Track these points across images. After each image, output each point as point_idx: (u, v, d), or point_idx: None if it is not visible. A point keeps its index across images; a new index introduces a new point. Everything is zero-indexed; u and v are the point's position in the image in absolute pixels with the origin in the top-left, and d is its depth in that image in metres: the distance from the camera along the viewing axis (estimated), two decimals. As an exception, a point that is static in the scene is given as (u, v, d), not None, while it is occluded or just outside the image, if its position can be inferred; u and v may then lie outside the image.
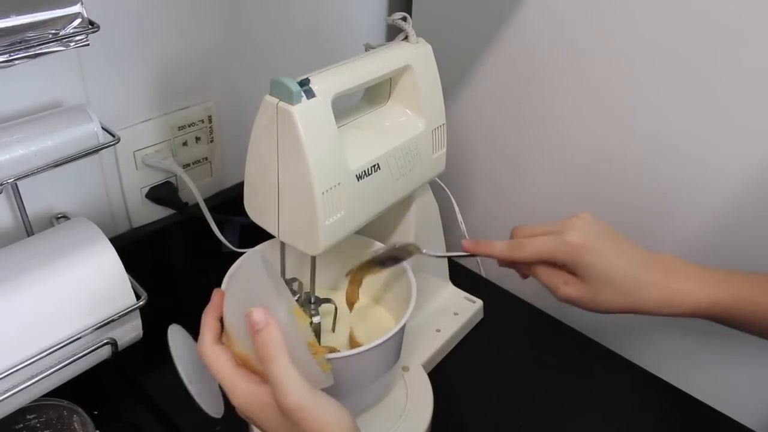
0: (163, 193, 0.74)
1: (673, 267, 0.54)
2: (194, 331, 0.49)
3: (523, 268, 0.57)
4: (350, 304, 0.62)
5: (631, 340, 0.78)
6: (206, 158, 0.77)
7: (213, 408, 0.48)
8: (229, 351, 0.46)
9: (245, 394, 0.44)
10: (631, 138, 0.72)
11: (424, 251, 0.60)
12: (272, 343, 0.42)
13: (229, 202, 0.76)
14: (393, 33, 0.63)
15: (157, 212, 0.75)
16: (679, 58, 0.65)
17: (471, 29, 0.81)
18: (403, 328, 0.56)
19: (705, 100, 0.65)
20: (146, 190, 0.73)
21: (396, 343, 0.59)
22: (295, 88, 0.49)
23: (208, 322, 0.47)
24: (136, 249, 0.72)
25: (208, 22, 0.71)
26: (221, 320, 0.48)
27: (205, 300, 0.50)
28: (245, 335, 0.44)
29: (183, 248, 0.78)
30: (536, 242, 0.55)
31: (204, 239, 0.72)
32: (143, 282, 0.58)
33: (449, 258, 0.63)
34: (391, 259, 0.60)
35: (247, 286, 0.47)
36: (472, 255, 0.59)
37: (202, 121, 0.75)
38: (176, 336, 0.49)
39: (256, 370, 0.45)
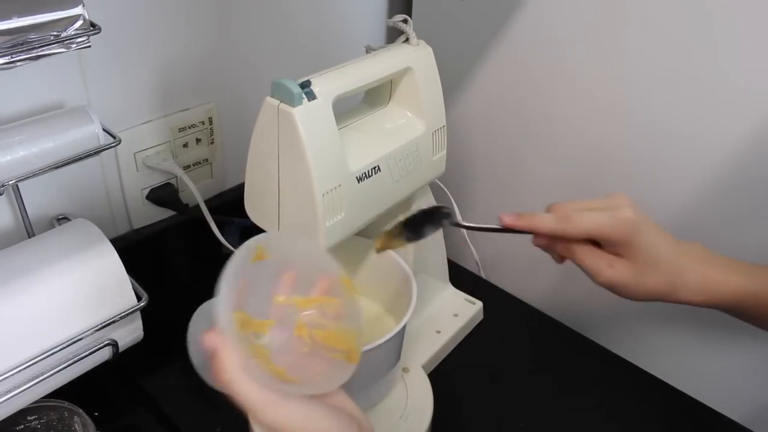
0: (163, 195, 0.74)
1: (705, 256, 0.52)
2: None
3: (562, 249, 0.51)
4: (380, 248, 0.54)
5: (629, 341, 0.78)
6: (207, 160, 0.77)
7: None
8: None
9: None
10: (631, 142, 0.72)
11: (457, 220, 0.53)
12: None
13: (230, 204, 0.76)
14: (394, 35, 0.63)
15: (158, 213, 0.75)
16: (674, 54, 0.65)
17: (471, 31, 0.81)
18: (403, 330, 0.56)
19: (703, 95, 0.65)
20: (147, 191, 0.73)
21: (396, 345, 0.59)
22: (296, 90, 0.49)
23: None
24: (136, 250, 0.72)
25: (209, 23, 0.71)
26: None
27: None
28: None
29: (183, 249, 0.78)
30: (587, 217, 0.49)
31: (204, 241, 0.72)
32: (144, 283, 0.58)
33: (484, 230, 0.56)
34: (423, 224, 0.53)
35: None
36: (512, 231, 0.51)
37: (203, 123, 0.75)
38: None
39: None
